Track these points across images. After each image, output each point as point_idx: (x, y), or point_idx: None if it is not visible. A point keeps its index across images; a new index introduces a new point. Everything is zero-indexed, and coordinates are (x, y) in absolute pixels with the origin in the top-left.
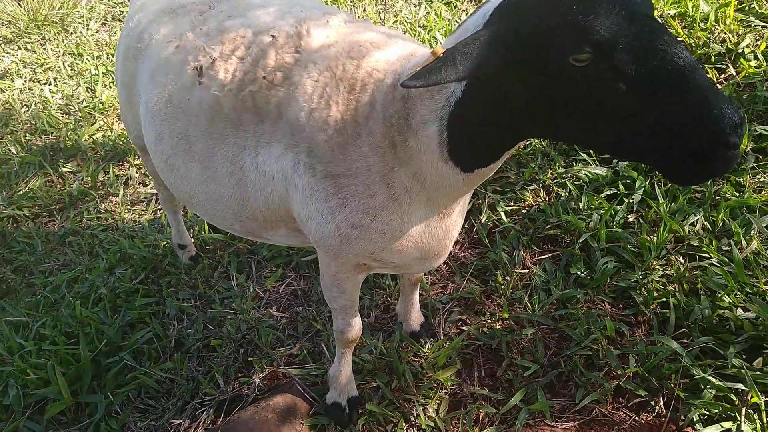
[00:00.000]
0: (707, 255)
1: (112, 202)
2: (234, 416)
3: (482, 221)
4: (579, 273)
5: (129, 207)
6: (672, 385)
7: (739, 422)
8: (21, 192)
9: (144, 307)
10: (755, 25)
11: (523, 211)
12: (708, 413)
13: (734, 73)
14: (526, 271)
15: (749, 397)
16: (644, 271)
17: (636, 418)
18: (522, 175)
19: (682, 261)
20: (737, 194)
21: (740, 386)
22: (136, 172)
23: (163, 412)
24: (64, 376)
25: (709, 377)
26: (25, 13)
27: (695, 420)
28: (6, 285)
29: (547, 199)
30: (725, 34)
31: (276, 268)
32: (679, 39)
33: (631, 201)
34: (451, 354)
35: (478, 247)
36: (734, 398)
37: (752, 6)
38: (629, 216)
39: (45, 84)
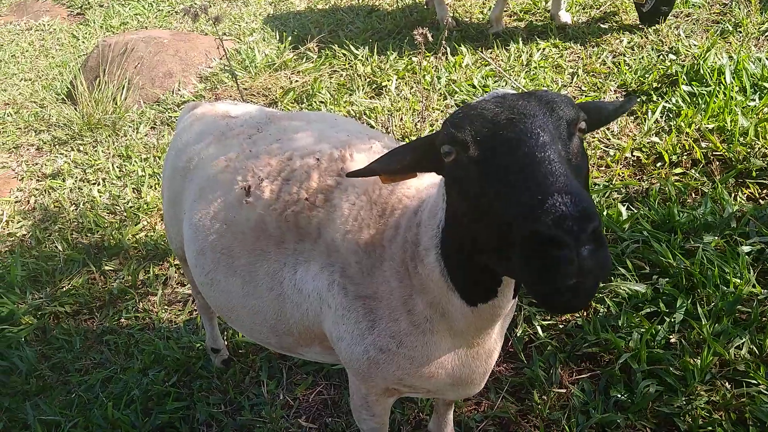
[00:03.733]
0: (755, 381)
1: (150, 301)
2: None
3: (518, 334)
4: (619, 396)
5: (166, 306)
6: None
7: None
8: (64, 289)
9: (175, 411)
10: None
11: (560, 326)
12: None
13: None
14: (564, 390)
15: None
16: (688, 396)
17: None
18: None
19: (729, 387)
20: None
21: None
22: (175, 272)
23: None
24: None
25: None
26: (80, 117)
27: None
28: (43, 382)
29: (585, 314)
30: (766, 149)
31: (306, 375)
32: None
33: (672, 320)
34: None
35: (513, 361)
36: None
37: None
38: (671, 336)
39: (94, 184)
